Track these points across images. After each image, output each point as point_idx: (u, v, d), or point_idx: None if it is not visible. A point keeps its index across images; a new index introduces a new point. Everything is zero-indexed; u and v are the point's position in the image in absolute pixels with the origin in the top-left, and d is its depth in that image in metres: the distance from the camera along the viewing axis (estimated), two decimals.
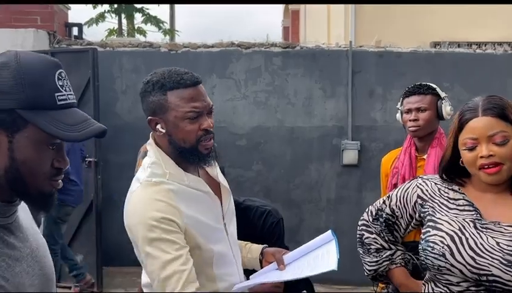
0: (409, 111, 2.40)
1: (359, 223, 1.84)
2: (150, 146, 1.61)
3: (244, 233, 2.12)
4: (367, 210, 1.83)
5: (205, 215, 1.57)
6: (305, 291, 2.42)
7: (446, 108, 2.38)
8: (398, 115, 2.53)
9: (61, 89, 1.10)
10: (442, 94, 2.41)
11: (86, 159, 4.81)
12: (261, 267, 1.75)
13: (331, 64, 5.16)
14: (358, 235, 1.84)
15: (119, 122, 5.27)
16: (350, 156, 5.07)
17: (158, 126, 1.55)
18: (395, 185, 2.42)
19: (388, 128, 5.01)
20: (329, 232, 1.70)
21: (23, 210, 1.18)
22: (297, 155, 5.22)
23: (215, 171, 1.69)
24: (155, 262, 1.46)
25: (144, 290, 1.67)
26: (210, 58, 5.23)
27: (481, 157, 1.44)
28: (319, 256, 1.66)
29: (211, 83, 5.24)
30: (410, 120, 2.38)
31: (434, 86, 2.43)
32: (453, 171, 1.57)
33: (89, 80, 4.81)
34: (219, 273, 1.59)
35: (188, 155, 1.56)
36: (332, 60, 5.16)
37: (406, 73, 4.91)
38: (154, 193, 1.50)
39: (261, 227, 2.19)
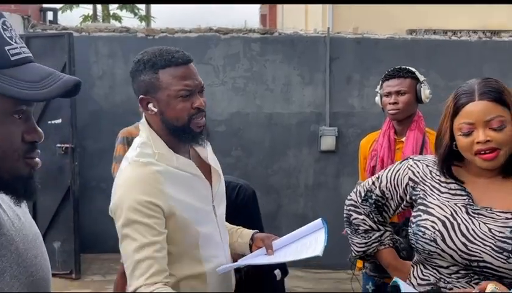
0: (388, 94, 2.42)
1: (347, 203, 1.82)
2: (142, 125, 1.60)
3: None
4: (354, 190, 1.80)
5: (193, 197, 1.57)
6: (277, 270, 2.46)
7: (425, 92, 2.41)
8: (377, 98, 2.55)
9: (10, 41, 0.90)
10: (421, 78, 2.44)
11: (62, 145, 4.76)
12: (251, 252, 1.76)
13: (309, 50, 5.17)
14: (345, 215, 1.82)
15: (95, 108, 5.21)
16: (327, 142, 5.12)
17: (150, 105, 1.54)
18: (373, 168, 2.44)
19: (365, 114, 5.05)
20: (319, 220, 1.69)
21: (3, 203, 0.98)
22: (276, 142, 5.24)
23: (206, 152, 1.69)
24: (131, 244, 1.46)
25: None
26: (188, 44, 5.19)
27: (478, 142, 1.40)
28: (307, 243, 1.67)
29: None
30: (390, 103, 2.41)
31: (413, 70, 2.45)
32: (447, 156, 1.53)
33: (65, 65, 4.73)
34: (206, 254, 1.59)
35: (181, 134, 1.55)
36: (310, 46, 5.18)
37: (383, 60, 4.95)
38: (141, 174, 1.50)
39: (234, 201, 2.20)
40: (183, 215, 1.53)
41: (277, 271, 2.44)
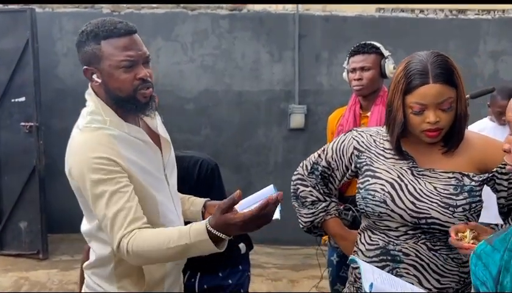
0: (353, 70, 2.47)
1: (293, 177, 1.87)
2: (89, 95, 1.60)
3: (181, 182, 2.14)
4: (301, 164, 1.86)
5: (147, 163, 1.57)
6: (242, 244, 2.49)
7: (389, 67, 2.45)
8: (344, 74, 2.58)
9: None
10: (386, 53, 2.47)
11: (27, 124, 4.65)
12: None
13: (278, 28, 5.15)
14: (292, 190, 1.87)
15: (61, 86, 5.09)
16: (297, 120, 5.14)
17: (94, 76, 1.55)
18: None
19: (334, 92, 5.08)
20: (271, 186, 1.72)
21: None
22: (245, 120, 5.24)
23: (155, 123, 1.69)
24: (102, 201, 1.46)
25: (86, 239, 1.67)
26: (155, 20, 5.10)
27: (428, 122, 1.49)
28: None
29: (156, 46, 5.12)
30: (355, 79, 2.45)
31: (378, 45, 2.49)
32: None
33: (27, 42, 4.60)
34: (165, 222, 1.60)
35: (126, 104, 1.55)
36: (279, 23, 5.15)
37: (352, 37, 4.96)
38: (95, 137, 1.50)
39: (197, 175, 2.21)
40: (140, 179, 1.53)
41: (242, 245, 2.48)
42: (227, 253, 2.39)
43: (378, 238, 1.58)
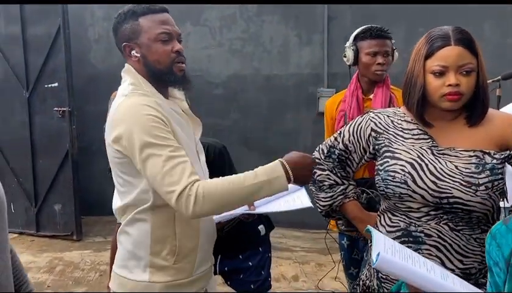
0: (375, 54, 2.40)
1: None
2: (127, 72, 1.64)
3: None
4: (317, 149, 1.85)
5: (183, 134, 1.61)
6: (261, 225, 2.51)
7: (395, 54, 2.46)
8: (349, 53, 2.50)
9: None
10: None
11: (60, 109, 4.76)
12: None
13: (306, 10, 5.10)
14: None
15: (93, 71, 5.18)
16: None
17: (133, 52, 1.62)
18: None
19: None
20: None
21: None
22: (274, 104, 5.23)
23: (185, 104, 1.75)
24: (157, 160, 1.45)
25: (118, 216, 1.71)
26: (184, 6, 5.12)
27: (449, 85, 1.48)
28: (289, 201, 1.74)
29: (185, 31, 5.15)
30: (378, 63, 2.39)
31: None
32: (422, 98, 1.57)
33: (59, 28, 4.68)
34: None
35: (164, 77, 1.62)
36: (308, 6, 5.10)
37: (381, 19, 4.87)
38: (143, 100, 1.54)
39: (206, 160, 2.25)
40: (177, 146, 1.53)
41: (261, 227, 2.50)
42: (246, 235, 2.43)
43: (399, 220, 1.57)
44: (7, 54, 4.97)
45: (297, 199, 1.75)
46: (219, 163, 2.29)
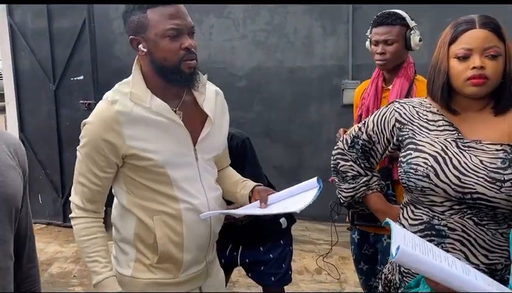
0: (376, 43, 2.32)
1: (334, 152, 1.84)
2: (134, 66, 1.64)
3: None
4: (341, 139, 1.82)
5: (163, 139, 1.59)
6: (283, 218, 2.50)
7: (415, 39, 2.29)
8: (367, 43, 2.44)
9: None
10: (412, 24, 2.31)
11: (85, 101, 4.81)
12: (250, 203, 1.79)
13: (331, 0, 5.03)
14: (332, 165, 1.84)
15: (117, 65, 5.21)
16: (350, 96, 5.01)
17: (140, 46, 1.56)
18: (360, 117, 2.40)
19: None
20: (314, 179, 1.71)
21: None
22: (297, 96, 5.19)
23: (202, 98, 1.69)
24: (77, 166, 1.66)
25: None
26: None
27: (474, 68, 1.44)
28: (297, 200, 1.69)
29: (209, 23, 5.14)
30: (377, 53, 2.31)
31: (403, 15, 2.31)
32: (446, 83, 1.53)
33: (84, 21, 4.72)
34: (181, 195, 1.63)
35: (170, 75, 1.57)
36: None
37: (407, 8, 4.79)
38: (104, 112, 1.57)
39: (229, 150, 2.25)
40: (145, 155, 1.56)
41: (282, 220, 2.50)
42: (267, 227, 2.43)
43: (422, 213, 1.53)
44: (34, 48, 5.04)
45: (302, 199, 1.66)
46: (241, 155, 2.28)
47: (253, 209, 1.72)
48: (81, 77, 4.85)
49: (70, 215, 1.67)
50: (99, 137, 1.56)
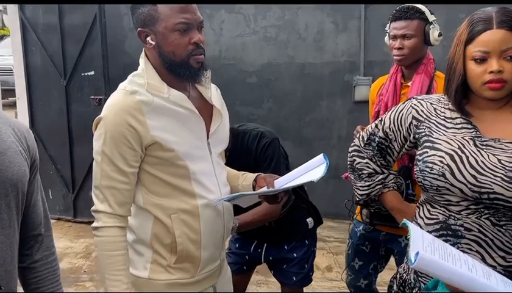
0: (394, 37, 2.27)
1: (350, 149, 1.81)
2: (141, 59, 1.61)
3: (242, 157, 2.13)
4: (358, 136, 1.79)
5: (182, 131, 1.57)
6: (310, 218, 2.47)
7: (434, 34, 2.23)
8: (386, 38, 2.39)
9: None
10: (431, 18, 2.25)
11: (96, 97, 4.82)
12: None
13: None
14: (349, 162, 1.81)
15: (128, 60, 5.20)
16: (362, 92, 5.00)
17: (148, 38, 1.55)
18: (377, 113, 2.34)
19: None
20: (321, 155, 1.70)
21: None
22: (308, 92, 5.16)
23: (209, 93, 1.68)
24: (98, 170, 1.55)
25: None
26: None
27: (491, 72, 1.39)
28: (307, 176, 1.68)
29: (220, 19, 5.12)
30: (395, 48, 2.26)
31: (423, 9, 2.26)
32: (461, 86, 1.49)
33: (95, 17, 4.72)
34: (198, 189, 1.61)
35: (178, 69, 1.55)
36: None
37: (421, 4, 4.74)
38: (124, 103, 1.52)
39: (255, 149, 2.21)
40: (168, 146, 1.54)
41: (309, 220, 2.47)
42: (294, 226, 2.41)
43: (438, 213, 1.50)
44: (45, 43, 5.05)
45: (313, 174, 1.66)
46: (269, 154, 2.24)
47: (265, 189, 1.71)
48: (92, 73, 4.86)
49: (95, 225, 1.55)
50: (123, 125, 1.50)
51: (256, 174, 1.82)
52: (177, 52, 1.53)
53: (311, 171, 1.69)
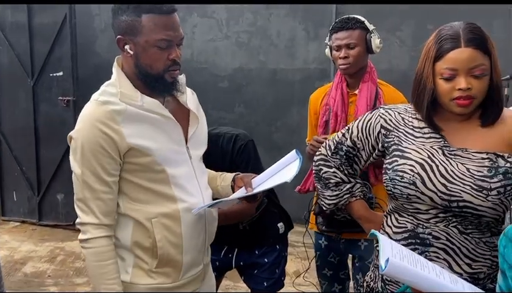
0: (338, 48, 2.33)
1: (316, 158, 1.81)
2: (114, 67, 1.61)
3: (217, 160, 2.13)
4: (324, 144, 1.79)
5: (159, 136, 1.58)
6: (281, 223, 2.48)
7: (375, 42, 2.31)
8: (327, 51, 2.45)
9: None
10: (371, 27, 2.33)
11: (64, 98, 4.74)
12: (233, 193, 1.79)
13: (315, 4, 5.05)
14: (315, 171, 1.81)
15: (98, 61, 5.15)
16: None
17: (127, 47, 1.55)
18: (326, 123, 2.38)
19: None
20: (293, 151, 1.72)
21: None
22: (279, 98, 5.19)
23: (184, 97, 1.68)
24: (79, 183, 1.58)
25: None
26: None
27: (459, 89, 1.42)
28: (282, 174, 1.71)
29: (192, 23, 5.11)
30: (340, 57, 2.32)
31: (362, 19, 2.33)
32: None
33: (65, 17, 4.66)
34: (179, 194, 1.61)
35: (153, 82, 1.56)
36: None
37: (391, 14, 4.84)
38: (97, 113, 1.53)
39: (231, 152, 2.21)
40: (145, 152, 1.54)
41: (280, 224, 2.47)
42: (265, 230, 2.41)
43: (406, 221, 1.52)
44: (13, 42, 4.95)
45: (287, 172, 1.69)
46: (245, 156, 2.24)
47: (243, 192, 1.72)
48: (61, 73, 4.78)
49: (82, 238, 1.56)
50: (98, 135, 1.50)
51: (234, 173, 1.83)
52: (154, 66, 1.53)
53: (286, 168, 1.72)
